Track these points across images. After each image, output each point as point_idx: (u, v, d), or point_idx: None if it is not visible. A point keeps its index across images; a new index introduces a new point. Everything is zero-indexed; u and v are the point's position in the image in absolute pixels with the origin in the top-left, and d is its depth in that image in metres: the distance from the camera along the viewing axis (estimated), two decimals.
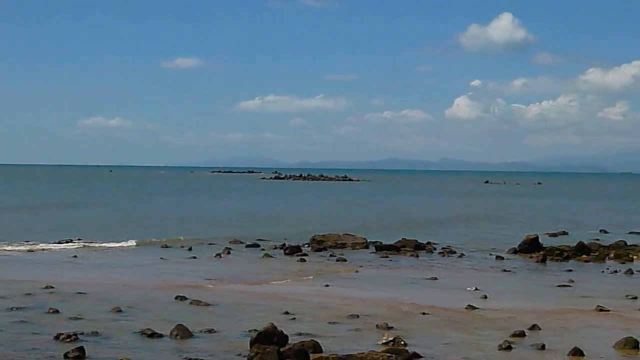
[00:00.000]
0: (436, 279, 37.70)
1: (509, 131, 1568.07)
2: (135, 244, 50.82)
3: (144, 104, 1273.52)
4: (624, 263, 45.30)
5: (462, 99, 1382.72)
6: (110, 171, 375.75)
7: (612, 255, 48.10)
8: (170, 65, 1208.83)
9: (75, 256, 44.14)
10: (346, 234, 53.72)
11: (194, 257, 44.89)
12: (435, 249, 50.89)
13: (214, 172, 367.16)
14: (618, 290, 34.58)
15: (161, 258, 44.09)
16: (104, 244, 50.36)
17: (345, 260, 44.46)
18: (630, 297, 32.44)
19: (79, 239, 52.09)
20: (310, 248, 49.90)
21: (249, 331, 23.45)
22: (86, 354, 20.76)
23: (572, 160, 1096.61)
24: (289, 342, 21.79)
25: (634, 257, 47.90)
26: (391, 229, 63.91)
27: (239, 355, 21.28)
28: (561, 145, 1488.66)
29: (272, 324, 22.18)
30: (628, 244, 54.04)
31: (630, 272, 41.26)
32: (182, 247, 49.84)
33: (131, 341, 22.77)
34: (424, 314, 27.70)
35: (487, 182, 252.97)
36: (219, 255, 45.81)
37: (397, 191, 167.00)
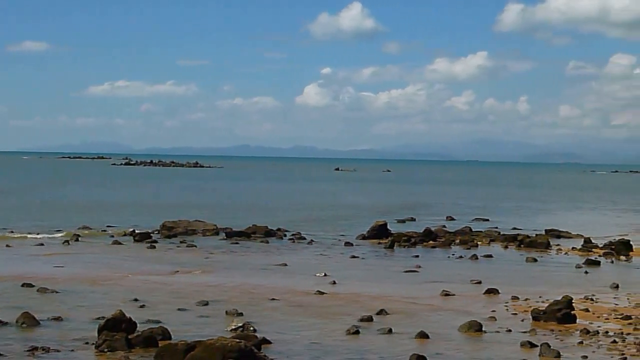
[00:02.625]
0: (286, 265, 37.89)
1: (358, 119, 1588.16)
2: None
3: None
4: (469, 249, 46.36)
5: (312, 87, 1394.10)
6: None
7: (457, 241, 49.16)
8: (17, 48, 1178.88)
9: None
10: (197, 221, 53.46)
11: (41, 245, 43.99)
12: (285, 235, 51.10)
13: (62, 157, 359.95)
14: (463, 275, 35.41)
15: (7, 246, 42.95)
16: None
17: (195, 247, 44.29)
18: (474, 281, 33.25)
19: None
20: (160, 235, 49.47)
21: (97, 318, 23.18)
22: None
23: (420, 148, 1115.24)
24: (138, 329, 21.65)
25: (479, 242, 49.10)
26: (242, 215, 63.85)
27: (87, 343, 21.03)
28: (409, 133, 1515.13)
29: (121, 310, 22.00)
30: (473, 230, 55.36)
31: (475, 257, 42.29)
32: (29, 234, 48.68)
33: None
34: (273, 299, 27.86)
35: (337, 169, 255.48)
36: (67, 242, 44.98)
37: (249, 178, 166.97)
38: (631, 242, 46.53)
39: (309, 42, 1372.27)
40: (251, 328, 22.67)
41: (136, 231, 49.02)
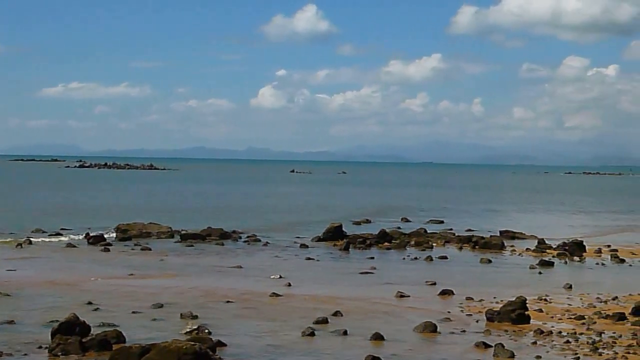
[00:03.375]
0: (241, 267, 37.84)
1: (314, 121, 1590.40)
2: None
3: None
4: (424, 250, 46.51)
5: (267, 89, 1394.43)
6: None
7: (412, 242, 49.33)
8: None
9: None
10: (151, 223, 53.21)
11: None
12: (240, 237, 50.99)
13: (15, 160, 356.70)
14: (418, 276, 35.57)
15: None
16: None
17: (150, 250, 44.05)
18: (429, 282, 33.40)
19: None
20: (114, 237, 49.17)
21: (51, 322, 22.98)
22: None
23: (376, 150, 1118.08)
24: (92, 332, 21.51)
25: (434, 244, 49.29)
26: (197, 217, 63.65)
27: (40, 347, 20.85)
28: (365, 135, 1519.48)
29: (74, 314, 21.86)
30: (428, 231, 55.57)
31: (429, 258, 42.46)
32: None
33: None
34: (228, 302, 27.81)
35: (292, 171, 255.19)
36: (19, 245, 44.51)
37: (204, 180, 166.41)
38: (584, 243, 46.96)
39: (264, 44, 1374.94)
40: (206, 330, 22.59)
41: (90, 234, 48.64)
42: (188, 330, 22.65)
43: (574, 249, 45.66)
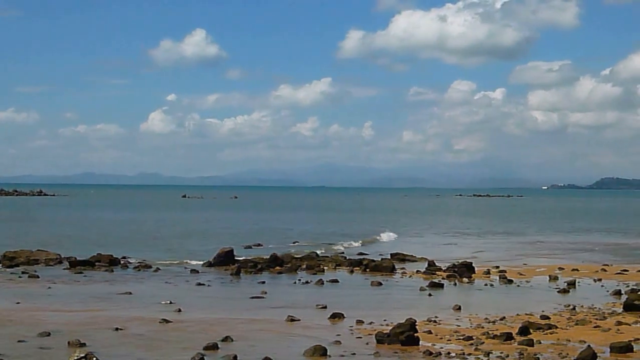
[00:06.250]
0: (131, 293, 37.40)
1: (204, 145, 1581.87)
2: None
3: None
4: (315, 274, 46.62)
5: (157, 114, 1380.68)
6: None
7: (304, 266, 49.40)
8: None
9: None
10: (39, 250, 52.35)
11: None
12: (130, 263, 50.46)
13: None
14: (309, 300, 35.59)
15: None
16: None
17: (37, 277, 43.25)
18: (320, 306, 33.43)
19: None
20: (0, 265, 48.18)
21: None
22: None
23: (267, 174, 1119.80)
24: None
25: (325, 267, 49.46)
26: (86, 244, 62.77)
27: None
28: (256, 159, 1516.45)
29: None
30: (319, 255, 55.74)
31: (321, 282, 42.57)
32: None
33: None
34: (117, 329, 27.38)
35: (184, 196, 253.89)
36: None
37: (94, 206, 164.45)
38: (473, 265, 47.64)
39: (153, 68, 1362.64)
40: (94, 358, 22.21)
41: None
42: (75, 358, 22.23)
43: (463, 270, 46.26)
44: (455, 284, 43.06)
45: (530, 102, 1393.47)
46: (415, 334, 25.62)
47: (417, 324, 26.53)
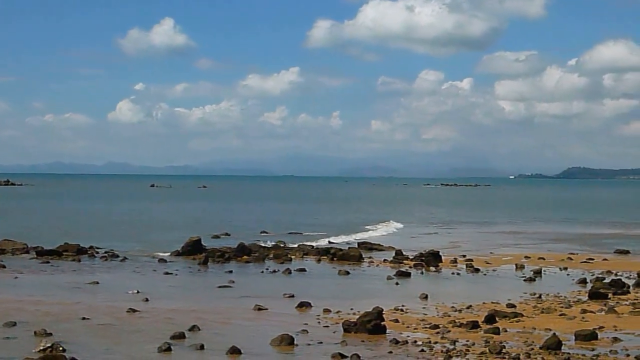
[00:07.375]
0: (98, 283, 37.29)
1: (173, 135, 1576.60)
2: None
3: None
4: (282, 263, 46.66)
5: (125, 103, 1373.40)
6: None
7: (271, 255, 49.43)
8: None
9: None
10: (5, 240, 52.07)
11: None
12: (98, 252, 50.26)
13: None
14: (276, 289, 35.60)
15: None
16: None
17: (4, 267, 42.97)
18: (287, 295, 33.50)
19: None
20: None
21: None
22: None
23: (236, 164, 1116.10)
24: None
25: (293, 257, 49.50)
26: (53, 234, 62.46)
27: None
28: (225, 148, 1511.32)
29: None
30: (287, 244, 55.79)
31: (288, 271, 42.62)
32: None
33: None
34: (84, 318, 27.32)
35: (153, 185, 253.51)
36: None
37: (61, 196, 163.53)
38: (440, 253, 47.86)
39: (121, 57, 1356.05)
40: (60, 348, 22.17)
41: None
42: (41, 348, 22.18)
43: (430, 259, 46.50)
44: (422, 273, 43.26)
45: (497, 92, 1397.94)
46: (382, 323, 25.74)
47: (384, 312, 26.68)
